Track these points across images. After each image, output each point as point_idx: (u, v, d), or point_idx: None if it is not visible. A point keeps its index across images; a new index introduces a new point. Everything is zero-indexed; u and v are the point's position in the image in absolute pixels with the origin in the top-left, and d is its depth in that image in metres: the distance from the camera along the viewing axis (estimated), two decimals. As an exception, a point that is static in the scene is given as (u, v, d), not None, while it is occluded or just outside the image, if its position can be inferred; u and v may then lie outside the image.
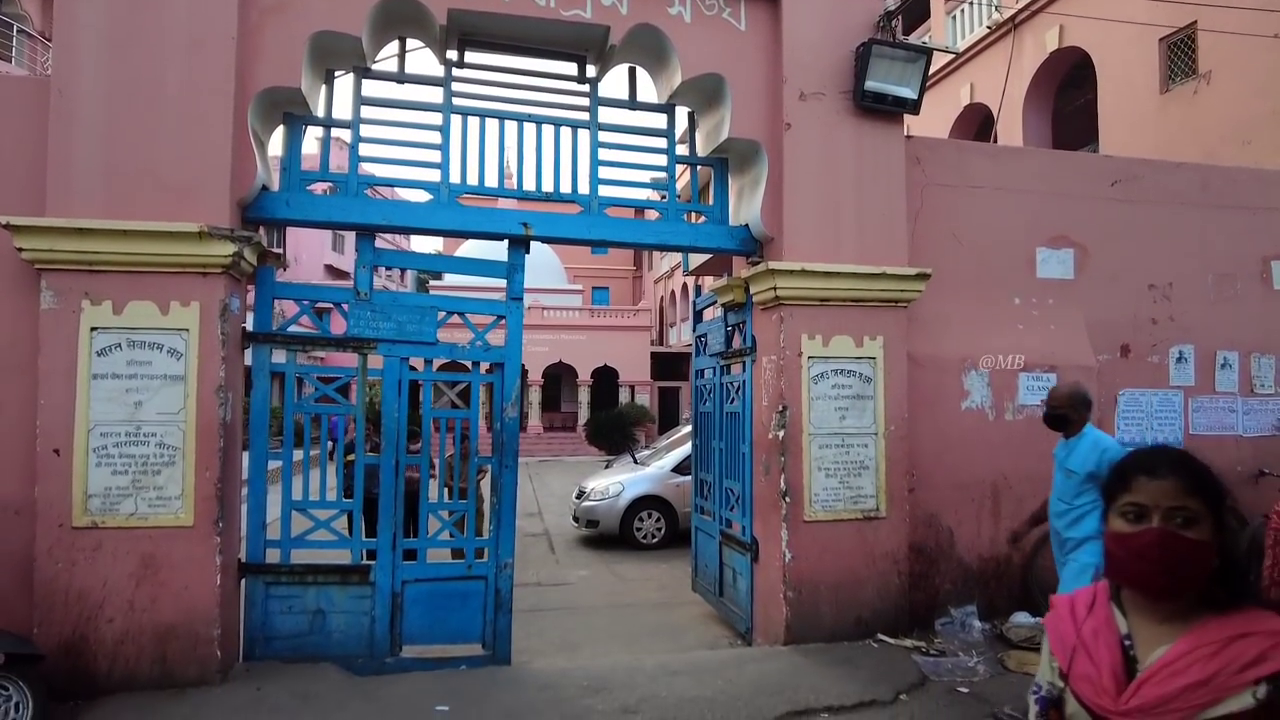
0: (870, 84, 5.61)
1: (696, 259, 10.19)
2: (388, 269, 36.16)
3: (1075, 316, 6.43)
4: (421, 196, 5.64)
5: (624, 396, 30.02)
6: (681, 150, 6.12)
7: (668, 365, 31.87)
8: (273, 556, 5.01)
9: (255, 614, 4.89)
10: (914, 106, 5.75)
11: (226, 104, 4.75)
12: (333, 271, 35.47)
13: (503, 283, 5.54)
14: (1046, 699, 1.56)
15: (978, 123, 14.27)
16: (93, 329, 4.51)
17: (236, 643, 4.83)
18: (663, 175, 6.13)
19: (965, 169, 6.35)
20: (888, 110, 5.73)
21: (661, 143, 6.01)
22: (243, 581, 4.92)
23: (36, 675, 3.87)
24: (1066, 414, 4.43)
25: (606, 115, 5.89)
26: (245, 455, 5.04)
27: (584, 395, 30.40)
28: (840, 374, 5.53)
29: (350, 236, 35.59)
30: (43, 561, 4.36)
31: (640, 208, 6.53)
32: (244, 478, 5.04)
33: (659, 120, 6.09)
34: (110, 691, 4.33)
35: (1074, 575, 4.29)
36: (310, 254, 34.06)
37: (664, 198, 6.13)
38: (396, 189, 5.84)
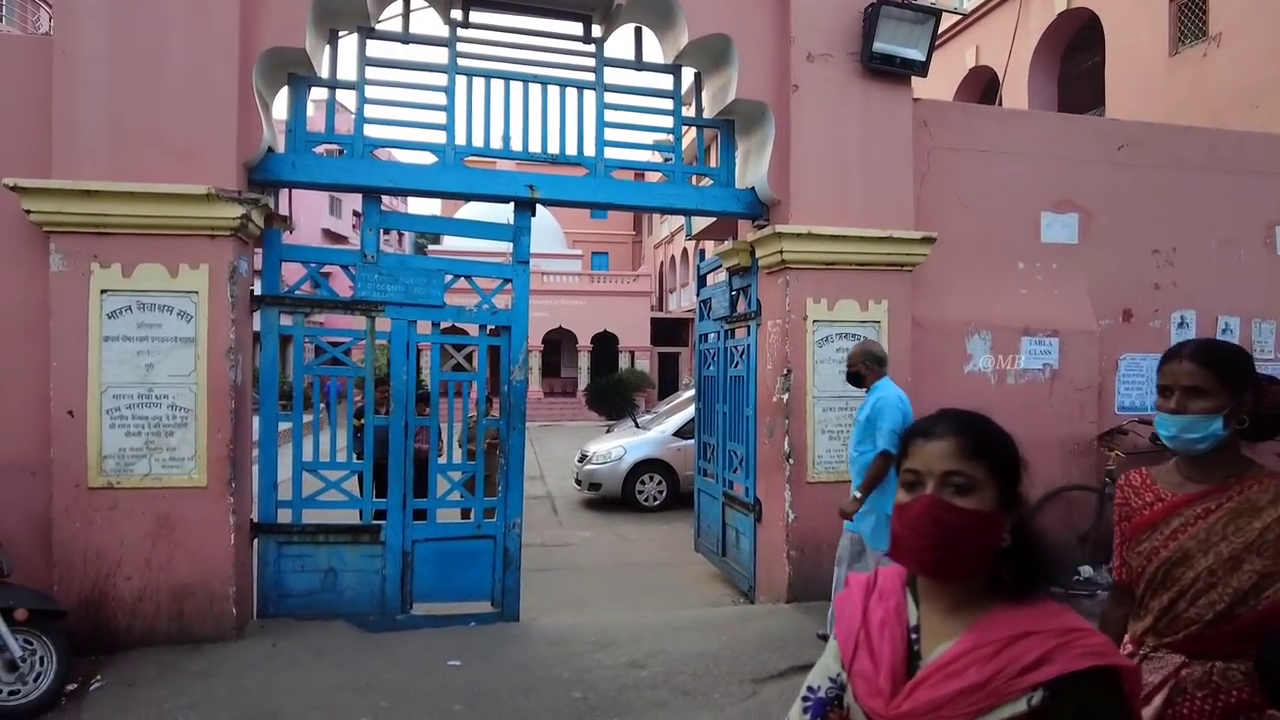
0: (879, 45, 5.56)
1: (700, 223, 10.14)
2: (384, 231, 36.00)
3: (1078, 281, 6.45)
4: (426, 159, 5.62)
5: (624, 362, 30.09)
6: (687, 112, 6.09)
7: (667, 330, 31.91)
8: (284, 516, 5.08)
9: (268, 572, 4.98)
10: (922, 69, 5.71)
11: (231, 64, 4.71)
12: (331, 236, 35.26)
13: (503, 246, 5.55)
14: (824, 700, 1.35)
15: (982, 86, 14.12)
16: (103, 291, 4.53)
17: (251, 600, 4.93)
18: (668, 137, 6.10)
19: (972, 132, 6.33)
20: (896, 72, 5.69)
21: (667, 104, 5.98)
22: (255, 541, 5.00)
23: (59, 630, 3.95)
24: (859, 370, 4.83)
25: (612, 76, 5.85)
26: (255, 417, 5.10)
27: (584, 361, 30.46)
28: (845, 338, 5.56)
29: (347, 201, 35.38)
30: (60, 521, 4.43)
31: (645, 170, 6.50)
32: (254, 439, 5.10)
33: (665, 81, 6.04)
34: (130, 647, 4.43)
35: (872, 529, 4.61)
36: (309, 218, 33.84)
37: (667, 160, 6.11)
38: (401, 151, 5.80)
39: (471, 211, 27.27)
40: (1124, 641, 1.94)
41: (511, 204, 5.58)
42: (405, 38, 5.59)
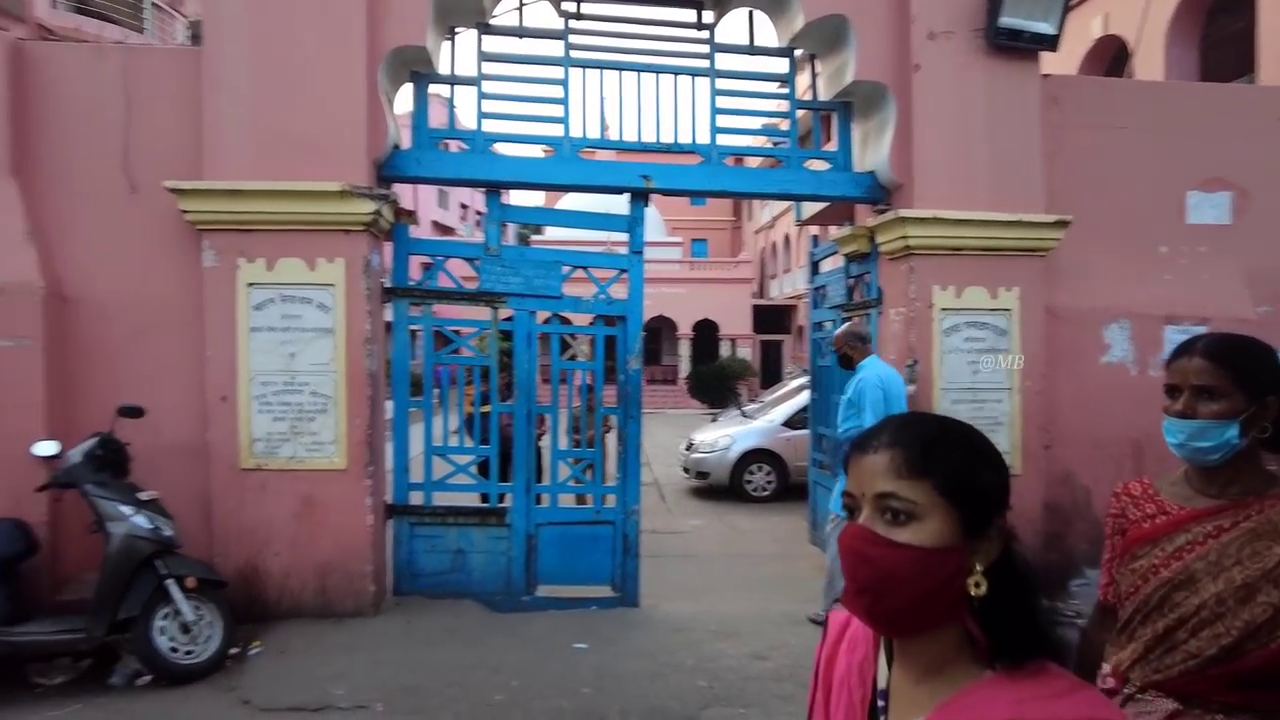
0: (1005, 20, 5.30)
1: (810, 208, 9.93)
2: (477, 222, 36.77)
3: (1231, 265, 5.97)
4: (539, 150, 5.73)
5: (724, 350, 29.93)
6: (802, 95, 5.97)
7: (769, 318, 31.54)
8: (415, 499, 5.31)
9: (402, 552, 5.22)
10: (1052, 43, 5.41)
11: (359, 65, 4.91)
12: (439, 228, 36.40)
13: (600, 235, 5.61)
14: None
15: (1110, 57, 13.24)
16: (249, 285, 4.82)
17: (386, 578, 5.18)
18: (781, 122, 6.01)
19: (1108, 108, 5.95)
20: (1023, 48, 5.41)
21: (782, 89, 5.89)
22: (390, 521, 5.24)
23: (222, 599, 4.28)
24: (844, 352, 4.93)
25: (724, 62, 5.79)
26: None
27: (684, 349, 30.47)
28: (973, 326, 5.35)
29: (454, 193, 36.44)
30: (217, 500, 4.77)
31: (758, 156, 6.41)
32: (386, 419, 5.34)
33: (779, 65, 5.96)
34: (280, 618, 4.74)
35: (833, 499, 4.73)
36: (419, 211, 35.02)
37: (779, 144, 6.02)
38: (509, 144, 5.90)
39: (571, 202, 27.68)
40: (1103, 674, 1.71)
41: (625, 194, 5.62)
42: (520, 31, 5.69)
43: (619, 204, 5.61)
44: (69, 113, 4.86)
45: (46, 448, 4.26)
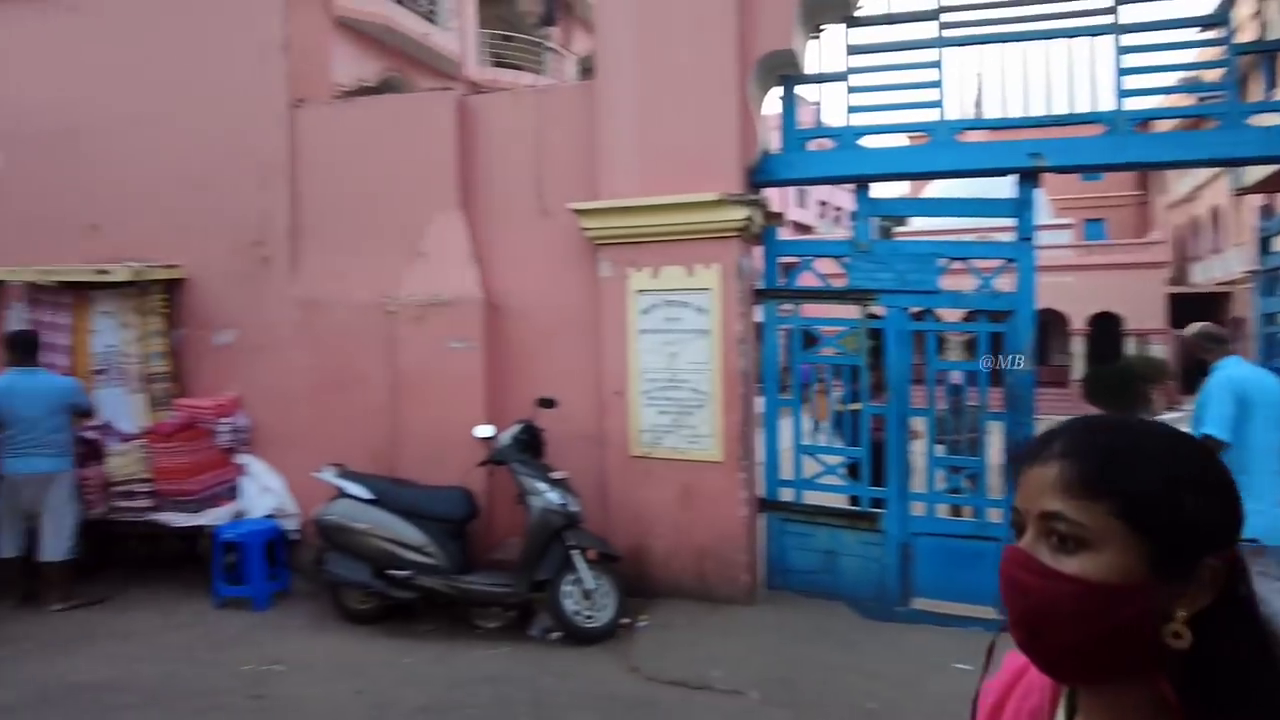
0: None
1: (1254, 173, 8.12)
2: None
3: None
4: (905, 140, 5.46)
5: (1130, 347, 25.82)
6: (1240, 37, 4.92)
7: (1192, 309, 26.43)
8: (785, 495, 5.40)
9: (773, 547, 5.35)
10: None
11: (730, 77, 5.11)
12: (798, 227, 36.63)
13: (969, 222, 5.13)
14: None
15: None
16: (638, 291, 5.29)
17: (757, 571, 5.33)
18: (1205, 74, 4.99)
19: None
20: None
21: (1208, 34, 4.92)
22: (760, 516, 5.38)
23: (616, 572, 4.78)
24: (1199, 357, 4.52)
25: (1129, 13, 4.98)
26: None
27: (1077, 346, 26.89)
28: None
29: (812, 191, 36.48)
30: (611, 483, 5.33)
31: (1178, 117, 5.41)
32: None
33: (1203, 6, 4.97)
34: (662, 596, 5.13)
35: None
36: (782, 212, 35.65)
37: (1204, 100, 5.01)
38: (881, 135, 5.69)
39: (939, 189, 26.01)
40: None
41: (1009, 176, 5.11)
42: (889, 19, 5.47)
43: (995, 187, 5.13)
44: (495, 150, 5.75)
45: (485, 430, 5.11)
